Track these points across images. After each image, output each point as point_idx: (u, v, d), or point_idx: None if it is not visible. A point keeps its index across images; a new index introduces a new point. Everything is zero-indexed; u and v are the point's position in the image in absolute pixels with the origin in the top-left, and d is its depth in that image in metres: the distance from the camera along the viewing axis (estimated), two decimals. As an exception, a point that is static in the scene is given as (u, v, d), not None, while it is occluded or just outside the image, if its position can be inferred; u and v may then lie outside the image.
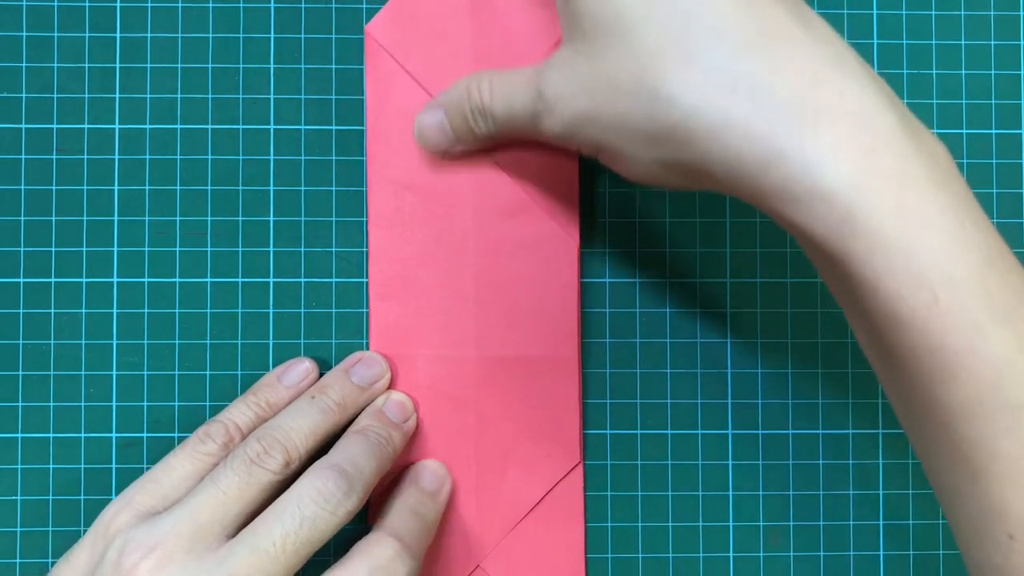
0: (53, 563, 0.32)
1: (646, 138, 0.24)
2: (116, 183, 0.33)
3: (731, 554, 0.33)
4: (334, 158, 0.33)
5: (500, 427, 0.32)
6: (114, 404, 0.33)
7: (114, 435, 0.33)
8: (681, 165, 0.24)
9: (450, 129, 0.30)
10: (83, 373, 0.33)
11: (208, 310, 0.33)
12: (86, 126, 0.33)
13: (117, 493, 0.32)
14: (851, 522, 0.33)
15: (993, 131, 0.34)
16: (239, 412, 0.30)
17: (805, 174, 0.22)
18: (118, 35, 0.33)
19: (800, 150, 0.22)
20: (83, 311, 0.33)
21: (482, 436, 0.32)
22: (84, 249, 0.33)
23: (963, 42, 0.34)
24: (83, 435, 0.32)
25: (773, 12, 0.23)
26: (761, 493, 0.33)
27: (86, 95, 0.33)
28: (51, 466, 0.32)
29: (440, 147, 0.31)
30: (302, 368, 0.32)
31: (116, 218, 0.33)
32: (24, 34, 0.33)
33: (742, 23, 0.23)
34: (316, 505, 0.26)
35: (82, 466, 0.32)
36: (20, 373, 0.32)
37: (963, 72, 0.34)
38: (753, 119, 0.22)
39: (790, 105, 0.22)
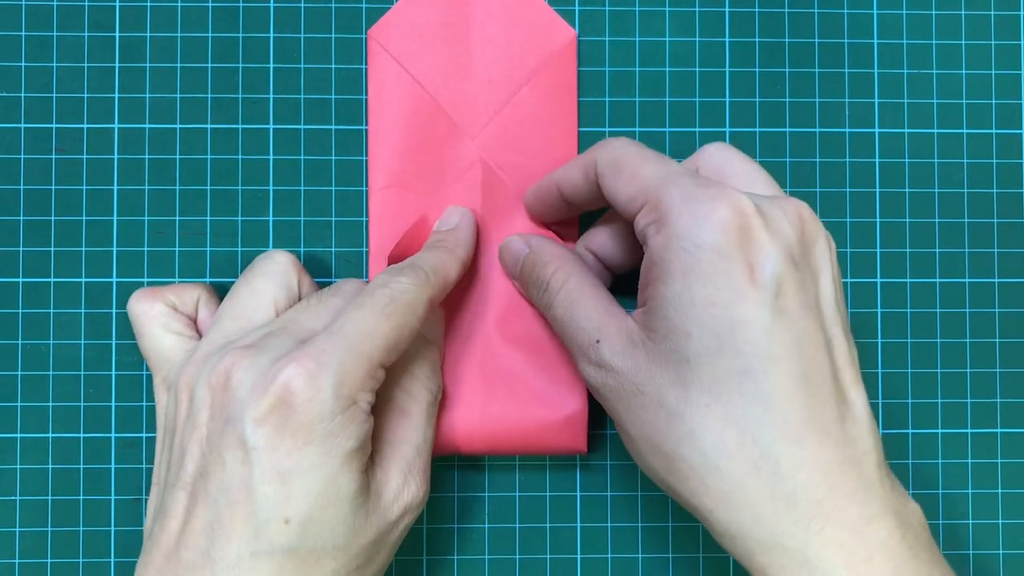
0: (53, 563, 0.32)
1: (652, 447, 0.25)
2: (116, 183, 0.33)
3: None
4: (334, 158, 0.33)
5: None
6: (114, 404, 0.33)
7: (114, 435, 0.32)
8: (674, 493, 0.25)
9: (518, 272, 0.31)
10: (83, 373, 0.33)
11: (208, 310, 0.33)
12: (86, 126, 0.33)
13: (117, 493, 0.32)
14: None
15: (993, 131, 0.34)
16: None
17: (802, 566, 0.23)
18: (117, 35, 0.33)
19: (803, 546, 0.23)
20: (83, 311, 0.33)
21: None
22: (84, 249, 0.33)
23: (963, 42, 0.34)
24: (83, 435, 0.32)
25: (821, 401, 0.24)
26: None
27: (85, 95, 0.33)
28: (51, 466, 0.32)
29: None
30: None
31: (116, 218, 0.33)
32: (24, 34, 0.33)
33: (791, 405, 0.24)
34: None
35: (82, 466, 0.32)
36: (20, 373, 0.32)
37: (963, 72, 0.34)
38: (766, 504, 0.23)
39: (804, 505, 0.23)
